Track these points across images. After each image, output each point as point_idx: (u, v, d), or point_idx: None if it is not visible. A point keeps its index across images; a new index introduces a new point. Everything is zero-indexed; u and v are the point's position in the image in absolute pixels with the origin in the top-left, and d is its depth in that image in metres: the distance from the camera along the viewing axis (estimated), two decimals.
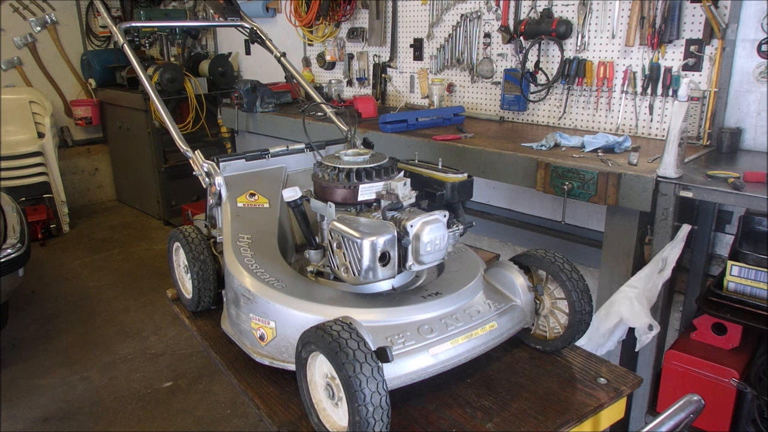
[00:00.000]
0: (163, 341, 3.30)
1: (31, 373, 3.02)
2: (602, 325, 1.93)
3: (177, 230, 1.43)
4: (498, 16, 2.92)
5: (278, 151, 1.57)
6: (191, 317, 1.45)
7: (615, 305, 1.92)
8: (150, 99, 2.81)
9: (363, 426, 0.86)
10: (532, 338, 1.27)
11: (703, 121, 2.34)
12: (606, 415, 1.11)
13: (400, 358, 0.99)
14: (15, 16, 5.17)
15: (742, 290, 1.92)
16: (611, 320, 1.92)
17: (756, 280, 1.89)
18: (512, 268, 1.23)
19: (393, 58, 3.59)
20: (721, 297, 1.94)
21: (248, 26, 2.00)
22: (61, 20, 5.42)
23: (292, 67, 1.97)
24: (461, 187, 1.27)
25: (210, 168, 1.44)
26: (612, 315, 1.92)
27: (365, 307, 1.09)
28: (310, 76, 4.17)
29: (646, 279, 1.91)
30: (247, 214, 1.39)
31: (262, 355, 1.15)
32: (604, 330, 1.93)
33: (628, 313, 1.88)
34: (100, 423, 2.63)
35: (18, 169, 4.70)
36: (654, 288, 1.91)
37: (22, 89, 5.19)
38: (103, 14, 2.24)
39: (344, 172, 1.20)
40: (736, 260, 1.93)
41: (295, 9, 3.93)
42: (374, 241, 1.02)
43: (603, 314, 1.94)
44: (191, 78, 4.67)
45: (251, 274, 1.17)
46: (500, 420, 1.04)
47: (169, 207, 5.06)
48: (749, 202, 1.76)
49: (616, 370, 1.19)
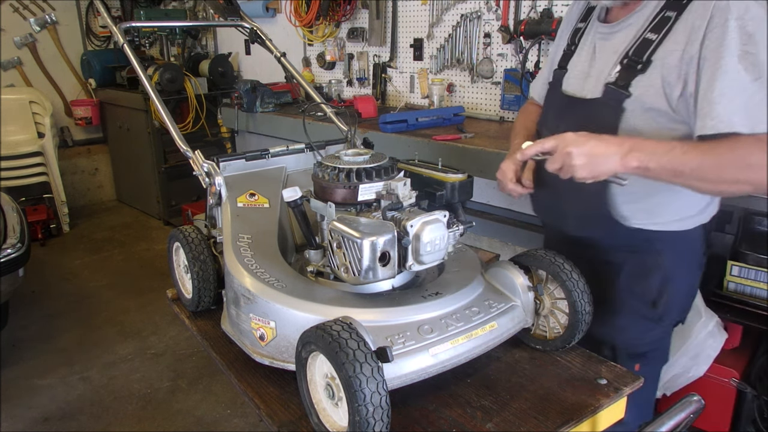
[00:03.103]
0: (163, 341, 3.30)
1: (31, 373, 3.02)
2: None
3: (177, 230, 1.43)
4: (498, 16, 2.92)
5: (278, 151, 1.57)
6: (191, 317, 1.45)
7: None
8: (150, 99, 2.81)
9: (363, 426, 0.86)
10: (532, 338, 1.27)
11: None
12: (606, 415, 1.11)
13: (400, 358, 0.99)
14: (15, 16, 5.17)
15: (742, 290, 1.92)
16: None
17: (756, 280, 1.89)
18: (512, 268, 1.23)
19: (393, 58, 3.59)
20: (721, 297, 1.95)
21: (248, 26, 2.00)
22: (61, 20, 5.42)
23: (292, 67, 1.97)
24: (461, 187, 1.27)
25: (210, 168, 1.44)
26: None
27: (365, 307, 1.09)
28: (310, 76, 4.17)
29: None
30: (247, 214, 1.39)
31: (262, 355, 1.15)
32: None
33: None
34: (100, 423, 2.63)
35: (18, 169, 4.70)
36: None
37: (22, 89, 5.18)
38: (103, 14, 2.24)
39: (344, 172, 1.20)
40: (736, 260, 1.93)
41: (295, 9, 3.93)
42: (374, 241, 1.02)
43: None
44: (191, 78, 4.67)
45: (251, 274, 1.17)
46: (500, 420, 1.04)
47: (169, 207, 5.06)
48: (749, 202, 1.76)
49: (616, 370, 1.19)
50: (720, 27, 1.10)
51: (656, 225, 1.33)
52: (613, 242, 1.39)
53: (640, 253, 1.37)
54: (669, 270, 1.37)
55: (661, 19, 1.21)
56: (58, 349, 3.25)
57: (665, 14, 1.21)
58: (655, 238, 1.35)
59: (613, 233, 1.36)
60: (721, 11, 1.11)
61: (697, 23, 1.13)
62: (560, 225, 1.50)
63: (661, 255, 1.36)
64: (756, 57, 1.08)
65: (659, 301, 1.39)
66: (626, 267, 1.39)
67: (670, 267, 1.37)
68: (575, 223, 1.44)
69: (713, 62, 1.11)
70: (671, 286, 1.38)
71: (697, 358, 1.89)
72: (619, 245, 1.39)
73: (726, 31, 1.10)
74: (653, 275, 1.37)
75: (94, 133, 5.75)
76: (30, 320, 3.57)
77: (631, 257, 1.38)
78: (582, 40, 1.42)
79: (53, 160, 4.82)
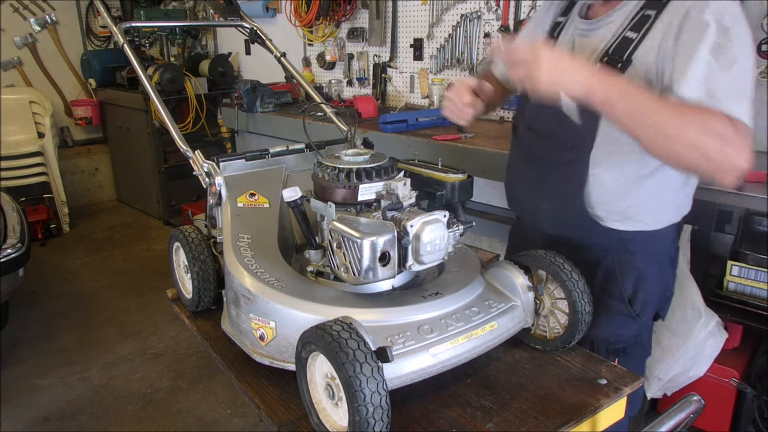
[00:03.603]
0: (163, 341, 3.30)
1: (31, 373, 3.02)
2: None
3: (177, 230, 1.43)
4: (498, 16, 2.92)
5: (278, 151, 1.57)
6: (191, 317, 1.45)
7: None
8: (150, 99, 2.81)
9: (363, 426, 0.86)
10: (532, 338, 1.27)
11: None
12: (606, 415, 1.11)
13: (400, 358, 0.99)
14: (15, 16, 5.17)
15: (742, 290, 1.93)
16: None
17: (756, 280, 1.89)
18: (512, 268, 1.23)
19: (393, 58, 3.59)
20: (721, 297, 1.95)
21: (248, 26, 2.00)
22: (61, 20, 5.41)
23: (292, 67, 1.97)
24: (461, 187, 1.27)
25: (210, 168, 1.44)
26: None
27: (365, 307, 1.09)
28: (310, 76, 4.17)
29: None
30: (247, 214, 1.39)
31: (262, 355, 1.15)
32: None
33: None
34: (100, 423, 2.63)
35: (18, 169, 4.70)
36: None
37: (22, 89, 5.18)
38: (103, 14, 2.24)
39: (344, 172, 1.20)
40: (736, 260, 1.93)
41: (295, 9, 3.93)
42: (374, 241, 1.02)
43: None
44: (191, 78, 4.67)
45: (251, 274, 1.17)
46: (500, 420, 1.04)
47: (169, 207, 5.06)
48: (749, 202, 1.76)
49: (616, 370, 1.19)
50: (696, 22, 1.11)
51: (630, 226, 1.35)
52: (587, 241, 1.40)
53: (613, 252, 1.38)
54: (642, 270, 1.38)
55: (641, 18, 1.20)
56: (58, 349, 3.25)
57: (645, 13, 1.20)
58: (629, 239, 1.36)
59: (588, 232, 1.37)
60: (698, 8, 1.11)
61: (675, 20, 1.14)
62: (535, 222, 1.51)
63: (634, 255, 1.37)
64: (729, 50, 1.08)
65: (635, 299, 1.40)
66: (601, 266, 1.40)
67: (643, 267, 1.38)
68: (551, 221, 1.44)
69: (687, 54, 1.10)
70: (645, 284, 1.40)
71: (697, 358, 1.89)
72: (592, 244, 1.40)
73: (702, 25, 1.10)
74: (627, 275, 1.39)
75: (94, 133, 5.75)
76: (30, 320, 3.57)
77: (606, 256, 1.39)
78: (561, 35, 1.41)
79: (53, 160, 4.82)
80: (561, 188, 1.35)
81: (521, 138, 1.50)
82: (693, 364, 1.90)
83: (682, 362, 1.90)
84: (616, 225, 1.35)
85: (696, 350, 1.88)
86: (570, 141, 1.32)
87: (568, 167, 1.34)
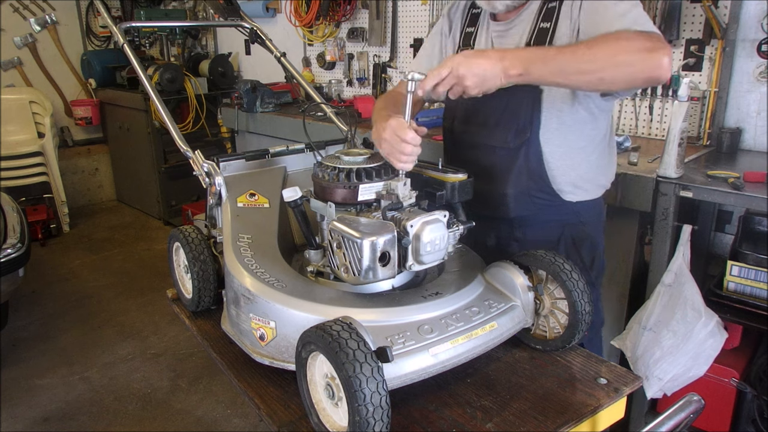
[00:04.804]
0: (163, 341, 3.30)
1: (31, 373, 3.02)
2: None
3: (177, 230, 1.43)
4: None
5: (278, 151, 1.57)
6: (191, 317, 1.45)
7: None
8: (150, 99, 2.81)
9: (363, 426, 0.86)
10: (532, 338, 1.27)
11: (703, 121, 2.34)
12: (606, 415, 1.11)
13: (400, 358, 0.99)
14: (15, 16, 5.17)
15: (742, 290, 1.93)
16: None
17: (756, 280, 1.89)
18: (512, 268, 1.23)
19: (393, 58, 3.59)
20: (721, 297, 1.95)
21: (248, 26, 2.00)
22: (61, 20, 5.41)
23: (292, 67, 1.97)
24: (461, 187, 1.27)
25: (210, 168, 1.44)
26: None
27: (365, 307, 1.09)
28: (310, 76, 4.17)
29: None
30: (247, 214, 1.39)
31: (262, 355, 1.15)
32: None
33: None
34: (100, 423, 2.63)
35: (18, 169, 4.70)
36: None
37: (22, 89, 5.18)
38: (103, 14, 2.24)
39: (344, 172, 1.20)
40: (736, 260, 1.93)
41: (295, 9, 3.93)
42: (374, 241, 1.02)
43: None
44: (191, 78, 4.67)
45: (251, 274, 1.17)
46: (500, 420, 1.04)
47: (169, 207, 5.06)
48: (749, 202, 1.77)
49: (616, 370, 1.19)
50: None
51: (579, 196, 1.48)
52: (547, 218, 1.50)
53: (570, 226, 1.51)
54: (593, 237, 1.54)
55: (548, 10, 1.38)
56: (58, 349, 3.25)
57: (549, 5, 1.38)
58: (580, 209, 1.50)
59: (547, 208, 1.49)
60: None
61: (575, 2, 1.32)
62: (497, 211, 1.53)
63: (586, 225, 1.53)
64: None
65: (592, 266, 1.55)
66: (561, 240, 1.52)
67: (593, 234, 1.55)
68: (513, 205, 1.50)
69: (600, 10, 1.27)
70: (598, 250, 1.57)
71: (697, 358, 1.89)
72: (551, 220, 1.51)
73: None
74: (583, 244, 1.53)
75: (94, 133, 5.75)
76: (30, 320, 3.57)
77: (563, 231, 1.51)
78: (476, 42, 1.53)
79: (53, 160, 4.82)
80: (523, 170, 1.45)
81: (461, 135, 1.58)
82: (693, 364, 1.90)
83: (682, 362, 1.90)
84: (569, 197, 1.48)
85: (696, 350, 1.88)
86: (518, 125, 1.43)
87: (523, 149, 1.44)
